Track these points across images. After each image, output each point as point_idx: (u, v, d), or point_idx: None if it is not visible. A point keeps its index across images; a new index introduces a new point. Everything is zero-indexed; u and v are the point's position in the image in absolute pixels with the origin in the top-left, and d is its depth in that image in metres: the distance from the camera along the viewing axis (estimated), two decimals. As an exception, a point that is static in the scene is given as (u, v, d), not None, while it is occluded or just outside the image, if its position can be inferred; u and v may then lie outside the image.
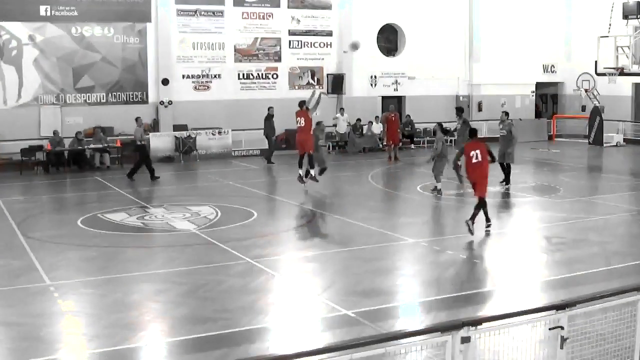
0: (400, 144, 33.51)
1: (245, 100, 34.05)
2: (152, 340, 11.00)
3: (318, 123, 24.36)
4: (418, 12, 37.82)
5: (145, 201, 22.07)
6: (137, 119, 27.35)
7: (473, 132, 18.34)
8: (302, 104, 23.52)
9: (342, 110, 34.81)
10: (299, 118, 23.10)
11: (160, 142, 30.93)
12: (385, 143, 33.18)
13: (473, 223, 17.18)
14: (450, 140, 25.18)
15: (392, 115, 32.88)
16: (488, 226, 17.71)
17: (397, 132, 33.00)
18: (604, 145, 37.16)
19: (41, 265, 14.77)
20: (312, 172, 23.11)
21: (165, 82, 32.50)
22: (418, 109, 37.47)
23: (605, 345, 8.55)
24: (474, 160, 17.28)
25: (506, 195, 23.46)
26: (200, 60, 33.65)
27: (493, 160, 17.91)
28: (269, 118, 31.07)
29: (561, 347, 8.10)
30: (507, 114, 26.07)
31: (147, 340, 10.94)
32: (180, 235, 17.76)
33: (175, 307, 12.29)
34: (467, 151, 17.46)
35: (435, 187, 22.59)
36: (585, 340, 8.35)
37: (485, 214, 17.66)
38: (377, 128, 35.24)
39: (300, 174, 22.98)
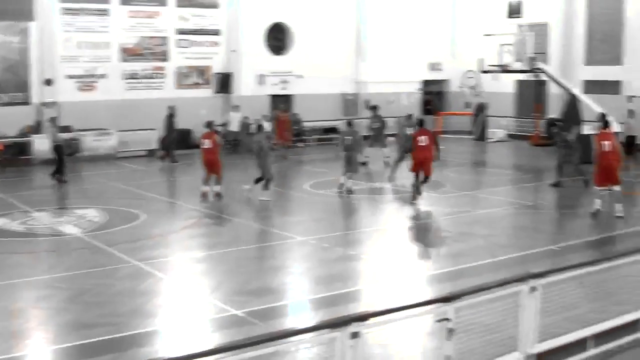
0: (290, 142, 33.51)
1: (132, 100, 33.44)
2: (37, 348, 10.69)
3: (260, 127, 23.16)
4: (306, 11, 37.90)
5: (28, 205, 21.36)
6: (51, 119, 26.67)
7: (421, 122, 22.13)
8: (209, 124, 22.80)
9: (236, 107, 34.53)
10: (205, 140, 22.16)
11: (44, 145, 29.97)
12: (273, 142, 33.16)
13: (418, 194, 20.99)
14: (366, 137, 25.54)
15: (282, 114, 32.86)
16: (415, 198, 20.91)
17: (287, 132, 33.00)
18: (488, 140, 38.08)
19: None
20: (247, 186, 22.08)
21: (48, 82, 31.66)
22: (306, 107, 37.54)
23: (491, 335, 8.73)
24: (420, 144, 20.73)
25: (394, 191, 23.75)
26: (85, 60, 32.88)
27: (437, 148, 21.22)
28: (169, 117, 30.76)
29: (448, 339, 8.23)
30: (409, 116, 26.43)
31: (31, 348, 10.62)
32: (65, 239, 17.30)
33: (60, 314, 11.97)
34: (415, 137, 21.14)
35: (346, 184, 22.64)
36: (471, 331, 8.50)
37: (420, 187, 21.01)
38: (265, 127, 35.16)
39: (203, 191, 21.86)
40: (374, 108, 29.94)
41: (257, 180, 21.81)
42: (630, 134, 27.37)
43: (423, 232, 18.34)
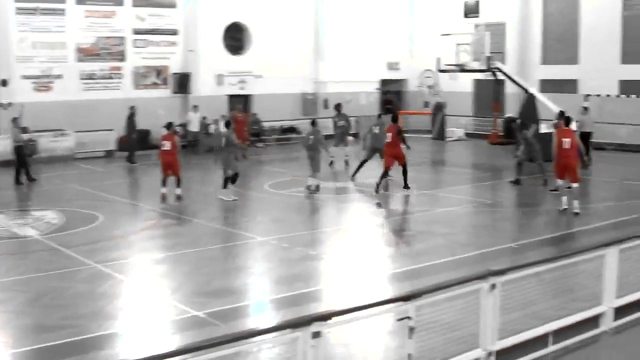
0: (248, 143, 33.39)
1: (89, 101, 33.13)
2: (-5, 351, 10.57)
3: (228, 123, 22.98)
4: (264, 10, 37.83)
5: (-16, 207, 21.13)
6: (13, 120, 26.29)
7: (395, 118, 23.65)
8: (169, 126, 22.53)
9: (195, 107, 34.35)
10: (165, 142, 21.83)
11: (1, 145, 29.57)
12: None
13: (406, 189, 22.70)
14: (328, 136, 25.85)
15: (239, 115, 32.69)
16: (406, 187, 22.57)
17: (245, 132, 32.88)
18: (447, 139, 38.29)
19: None
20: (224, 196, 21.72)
21: (4, 83, 31.25)
22: (265, 107, 37.50)
23: (451, 333, 8.78)
24: (388, 140, 22.52)
25: (353, 190, 23.81)
26: (41, 60, 32.50)
27: (403, 141, 22.89)
28: (130, 117, 30.82)
29: (409, 337, 8.27)
30: (380, 115, 26.50)
31: (-11, 352, 10.51)
32: (23, 241, 17.13)
33: (19, 317, 11.85)
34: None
35: (311, 184, 22.87)
36: (432, 329, 8.55)
37: (405, 179, 22.66)
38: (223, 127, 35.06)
39: (162, 193, 21.71)
40: (338, 107, 29.94)
41: (233, 181, 21.72)
42: (583, 131, 27.79)
43: (383, 231, 18.39)
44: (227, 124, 22.73)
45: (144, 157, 30.04)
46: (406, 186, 22.60)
